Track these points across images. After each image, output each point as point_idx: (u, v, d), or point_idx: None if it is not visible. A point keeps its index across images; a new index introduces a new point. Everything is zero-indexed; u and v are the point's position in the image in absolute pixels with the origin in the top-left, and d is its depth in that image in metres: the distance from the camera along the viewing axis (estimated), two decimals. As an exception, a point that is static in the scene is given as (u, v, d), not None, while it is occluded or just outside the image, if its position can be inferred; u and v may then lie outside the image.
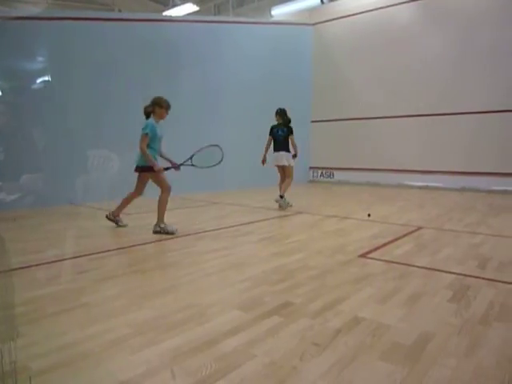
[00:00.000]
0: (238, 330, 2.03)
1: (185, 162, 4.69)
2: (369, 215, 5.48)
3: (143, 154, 4.40)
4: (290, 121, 6.63)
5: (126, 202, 4.80)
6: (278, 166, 6.68)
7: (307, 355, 1.78)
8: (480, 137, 9.10)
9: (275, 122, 6.64)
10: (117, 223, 4.83)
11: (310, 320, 2.16)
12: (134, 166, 4.54)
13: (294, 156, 6.60)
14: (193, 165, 4.65)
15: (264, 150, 6.59)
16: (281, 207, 6.37)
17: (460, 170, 9.39)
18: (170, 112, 8.13)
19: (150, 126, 4.43)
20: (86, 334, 2.00)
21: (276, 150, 6.57)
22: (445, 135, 9.59)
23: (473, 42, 9.10)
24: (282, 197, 6.38)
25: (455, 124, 9.44)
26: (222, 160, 4.77)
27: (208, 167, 4.66)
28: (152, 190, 4.77)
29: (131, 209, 5.22)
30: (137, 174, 4.62)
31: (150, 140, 4.42)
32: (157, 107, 4.52)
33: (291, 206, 6.57)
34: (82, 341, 1.93)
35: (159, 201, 4.55)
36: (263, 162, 6.61)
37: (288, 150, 6.58)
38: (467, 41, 9.17)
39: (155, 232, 4.48)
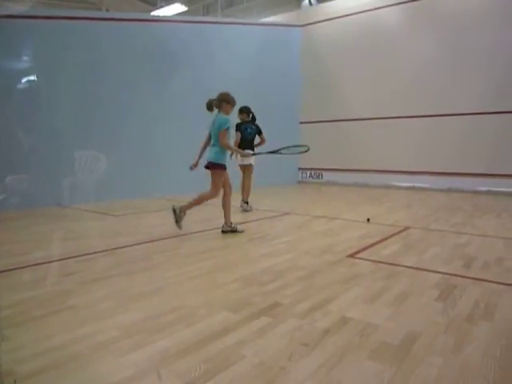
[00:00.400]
0: (227, 331, 2.03)
1: (276, 151, 5.04)
2: (368, 220, 5.32)
3: (228, 149, 4.53)
4: (255, 119, 6.46)
5: (227, 206, 4.62)
6: (243, 166, 6.38)
7: (296, 355, 1.79)
8: (466, 139, 9.24)
9: (258, 123, 6.49)
10: (235, 230, 4.62)
11: (298, 320, 2.17)
12: (208, 162, 4.44)
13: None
14: (280, 152, 5.10)
15: (234, 147, 5.91)
16: (246, 211, 6.22)
17: (446, 171, 9.52)
18: (160, 111, 8.17)
19: (229, 121, 4.43)
20: (74, 337, 1.98)
21: (242, 148, 6.12)
22: (432, 137, 9.71)
23: (464, 44, 9.22)
24: (247, 203, 6.31)
25: (443, 126, 9.57)
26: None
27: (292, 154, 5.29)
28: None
29: (122, 209, 5.19)
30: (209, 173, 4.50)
31: (221, 136, 4.36)
32: (224, 103, 4.48)
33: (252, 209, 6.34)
34: (70, 343, 1.91)
35: (202, 197, 4.50)
36: (231, 156, 5.91)
37: (253, 149, 6.33)
38: (458, 43, 9.30)
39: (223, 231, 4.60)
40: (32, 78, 6.88)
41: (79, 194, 7.07)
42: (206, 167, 4.44)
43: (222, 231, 4.61)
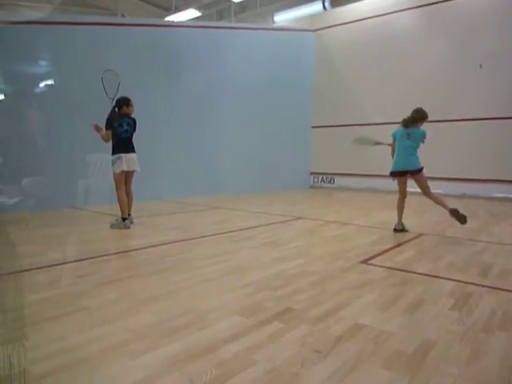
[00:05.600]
0: (238, 336, 2.02)
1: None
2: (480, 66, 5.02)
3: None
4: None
5: (401, 208, 5.16)
6: (129, 172, 5.17)
7: (308, 362, 1.77)
8: (480, 143, 9.11)
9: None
10: (402, 230, 5.04)
11: (310, 326, 2.15)
12: (412, 169, 5.07)
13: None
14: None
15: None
16: (122, 227, 4.97)
17: (460, 177, 9.38)
18: (171, 115, 8.31)
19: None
20: (86, 339, 1.99)
21: (125, 150, 5.07)
22: (446, 142, 9.58)
23: (474, 49, 9.12)
24: (126, 217, 5.05)
25: (456, 130, 9.44)
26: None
27: None
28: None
29: (134, 212, 5.23)
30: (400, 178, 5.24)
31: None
32: (421, 119, 5.33)
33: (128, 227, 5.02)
34: (82, 345, 1.92)
35: (439, 199, 4.97)
36: None
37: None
38: (468, 48, 9.20)
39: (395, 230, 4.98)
40: (47, 82, 7.00)
41: (93, 196, 7.14)
42: (414, 173, 5.00)
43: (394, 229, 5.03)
